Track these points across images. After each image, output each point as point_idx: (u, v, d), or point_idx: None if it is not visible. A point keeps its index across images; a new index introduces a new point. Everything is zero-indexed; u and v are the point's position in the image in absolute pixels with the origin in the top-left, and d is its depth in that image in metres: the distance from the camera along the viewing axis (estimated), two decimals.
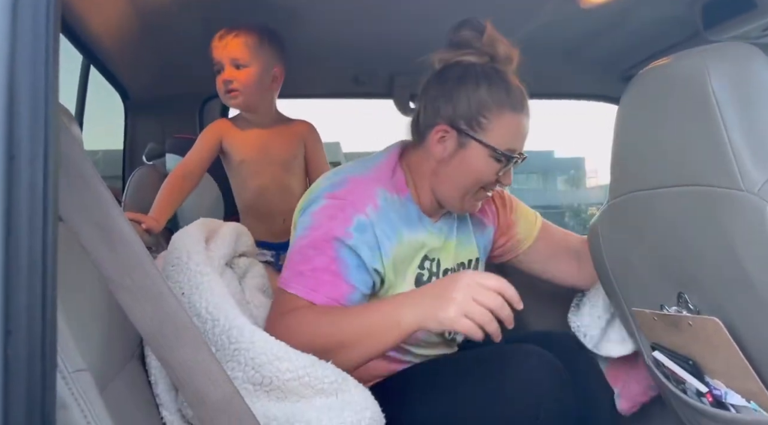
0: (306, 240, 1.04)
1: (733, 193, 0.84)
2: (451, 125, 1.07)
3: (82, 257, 0.63)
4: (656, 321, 1.06)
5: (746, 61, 0.86)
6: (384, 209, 1.06)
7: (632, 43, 1.90)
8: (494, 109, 1.05)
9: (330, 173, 1.16)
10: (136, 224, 1.31)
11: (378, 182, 1.08)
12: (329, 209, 1.04)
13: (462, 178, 1.09)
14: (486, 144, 1.06)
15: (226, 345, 0.90)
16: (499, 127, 1.06)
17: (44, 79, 0.48)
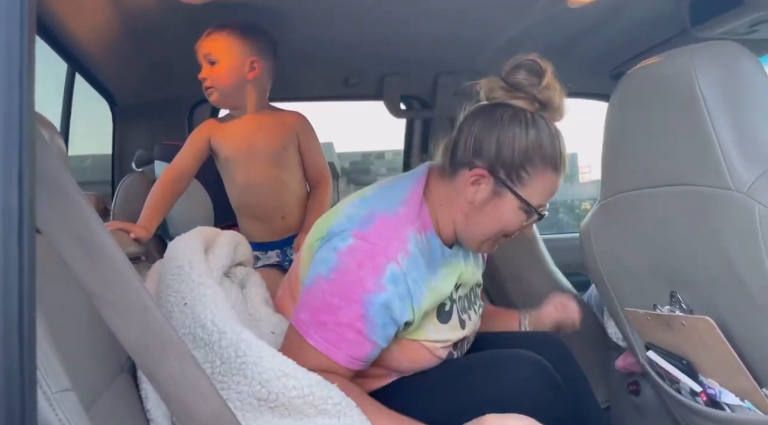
0: (330, 285, 0.97)
1: (722, 192, 0.83)
2: (490, 170, 1.01)
3: (64, 272, 0.62)
4: (649, 321, 1.06)
5: (733, 61, 0.86)
6: (414, 254, 1.00)
7: (621, 40, 1.90)
8: (538, 165, 1.01)
9: (356, 201, 1.07)
10: (124, 233, 1.30)
11: (409, 224, 1.02)
12: (358, 253, 0.96)
13: (490, 224, 1.05)
14: (522, 198, 1.02)
15: (233, 359, 0.89)
16: (538, 184, 1.02)
17: (18, 92, 0.47)
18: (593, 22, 1.75)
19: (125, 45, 1.64)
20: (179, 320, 0.96)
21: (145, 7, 1.45)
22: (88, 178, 2.65)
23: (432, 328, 1.06)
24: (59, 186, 0.55)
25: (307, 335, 0.97)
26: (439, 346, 1.07)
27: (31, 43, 0.49)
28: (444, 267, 1.07)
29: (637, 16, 1.69)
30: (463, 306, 1.15)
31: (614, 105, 1.08)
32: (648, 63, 0.97)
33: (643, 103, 0.99)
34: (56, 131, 0.88)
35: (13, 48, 0.46)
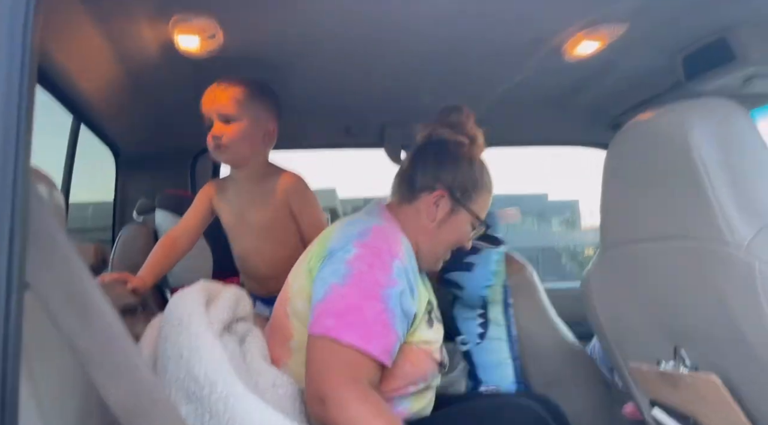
0: (348, 289, 1.03)
1: (721, 248, 0.83)
2: (449, 191, 1.22)
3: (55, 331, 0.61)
4: (654, 378, 1.03)
5: (726, 118, 0.87)
6: (409, 253, 1.13)
7: (618, 92, 1.93)
8: (479, 186, 1.25)
9: (346, 223, 1.17)
10: (121, 284, 1.29)
11: (397, 230, 1.16)
12: (366, 257, 1.06)
13: (449, 238, 1.24)
14: (473, 212, 1.24)
15: (221, 413, 0.87)
16: (480, 202, 1.26)
17: (14, 149, 0.47)
18: (590, 74, 1.79)
19: (129, 97, 1.67)
20: (174, 373, 0.95)
21: (149, 60, 1.49)
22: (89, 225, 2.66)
23: (425, 330, 1.14)
24: (52, 243, 0.55)
25: (340, 336, 0.98)
26: (433, 348, 1.16)
27: (30, 99, 0.49)
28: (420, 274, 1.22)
29: (633, 69, 1.72)
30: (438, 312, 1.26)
31: (611, 157, 1.08)
32: (643, 118, 0.99)
33: (639, 157, 1.00)
34: (54, 186, 0.88)
35: (11, 104, 0.47)
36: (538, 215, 15.01)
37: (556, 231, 15.53)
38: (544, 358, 1.65)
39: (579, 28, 1.43)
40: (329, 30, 1.42)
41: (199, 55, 1.47)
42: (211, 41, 1.41)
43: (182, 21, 1.33)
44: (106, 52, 1.41)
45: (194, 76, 1.59)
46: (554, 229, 15.65)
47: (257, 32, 1.43)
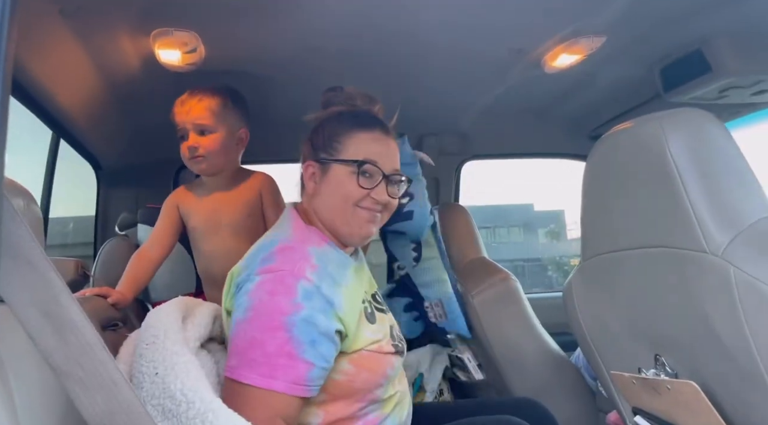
0: (249, 323, 0.99)
1: (698, 255, 0.84)
2: (314, 159, 1.15)
3: (29, 345, 0.61)
4: (635, 385, 1.04)
5: (701, 127, 0.89)
6: (321, 266, 1.05)
7: (598, 103, 1.97)
8: (344, 132, 1.15)
9: (254, 248, 1.13)
10: (102, 299, 1.27)
11: (304, 242, 1.10)
12: (267, 284, 1.00)
13: (333, 199, 1.13)
14: (341, 160, 1.12)
15: None
16: (352, 144, 1.13)
17: None
18: (570, 86, 1.81)
19: (110, 110, 1.66)
20: (149, 391, 0.93)
21: (130, 73, 1.48)
22: (69, 241, 2.63)
23: (367, 331, 1.10)
24: (28, 259, 0.54)
25: (240, 377, 0.96)
26: (383, 343, 1.11)
27: (3, 116, 0.49)
28: (351, 271, 1.14)
29: (611, 81, 1.75)
30: (378, 302, 1.22)
31: (590, 168, 1.10)
32: (620, 128, 1.00)
33: (617, 167, 1.01)
34: (32, 199, 0.87)
35: None
36: (524, 225, 15.05)
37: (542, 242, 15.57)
38: (529, 366, 1.66)
39: (558, 41, 1.45)
40: (309, 43, 1.43)
41: (180, 69, 1.47)
42: (192, 55, 1.42)
43: (163, 35, 1.33)
44: (86, 66, 1.40)
45: (176, 89, 1.58)
46: (540, 240, 15.68)
47: (238, 46, 1.44)
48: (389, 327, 1.17)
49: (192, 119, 1.43)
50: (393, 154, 1.17)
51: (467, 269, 1.89)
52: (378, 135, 1.15)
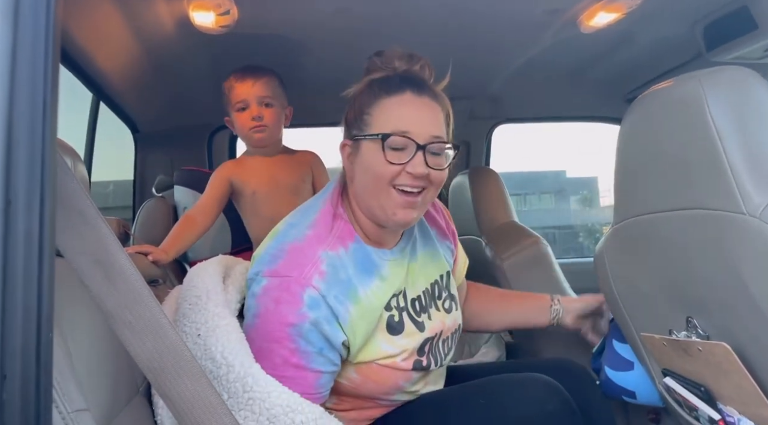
0: (256, 331, 0.98)
1: (735, 216, 0.83)
2: (348, 137, 1.06)
3: (84, 295, 0.64)
4: (666, 347, 1.04)
5: (743, 85, 0.86)
6: (331, 273, 0.99)
7: (636, 65, 1.91)
8: (372, 103, 1.02)
9: (269, 238, 1.07)
10: (143, 257, 1.32)
11: (318, 244, 1.01)
12: (273, 291, 0.97)
13: (365, 180, 1.03)
14: (370, 134, 1.01)
15: (240, 393, 0.89)
16: (380, 115, 1.01)
17: (42, 124, 0.49)
18: (606, 46, 1.77)
19: (147, 74, 1.69)
20: (192, 351, 0.96)
21: (165, 36, 1.50)
22: (110, 204, 2.71)
23: (384, 343, 1.03)
24: (79, 210, 0.57)
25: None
26: (399, 359, 1.04)
27: (54, 73, 0.51)
28: (381, 272, 1.05)
29: (651, 40, 1.70)
30: (421, 307, 1.11)
31: (625, 129, 1.08)
32: (658, 87, 0.98)
33: (654, 127, 0.99)
34: (79, 158, 0.91)
35: (37, 78, 0.49)
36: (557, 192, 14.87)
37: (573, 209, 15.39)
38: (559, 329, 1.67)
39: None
40: (341, 6, 1.43)
41: (214, 31, 1.49)
42: (225, 17, 1.43)
43: None
44: (123, 29, 1.43)
45: (210, 53, 1.61)
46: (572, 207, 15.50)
47: (270, 8, 1.44)
48: (422, 341, 1.08)
49: (256, 92, 1.55)
50: (431, 118, 1.03)
51: (497, 233, 1.89)
52: (408, 97, 1.01)
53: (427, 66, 1.09)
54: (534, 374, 1.05)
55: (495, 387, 1.07)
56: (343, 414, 1.06)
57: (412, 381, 1.08)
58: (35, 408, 0.44)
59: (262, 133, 1.58)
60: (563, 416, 1.00)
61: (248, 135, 1.60)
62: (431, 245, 1.20)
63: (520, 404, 1.01)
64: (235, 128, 1.62)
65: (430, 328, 1.11)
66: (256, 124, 1.56)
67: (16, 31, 0.50)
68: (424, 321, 1.11)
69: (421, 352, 1.08)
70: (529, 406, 1.00)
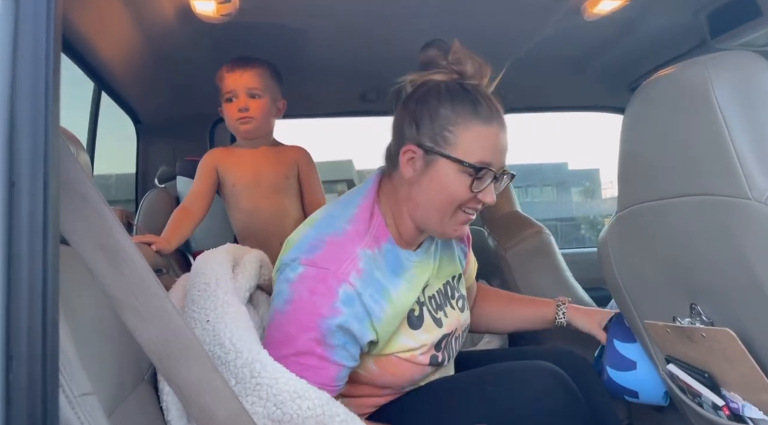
0: (286, 317, 0.97)
1: (741, 202, 0.82)
2: (417, 144, 1.02)
3: (89, 281, 0.64)
4: (669, 334, 1.04)
5: (749, 69, 0.86)
6: (368, 271, 0.99)
7: (639, 53, 1.90)
8: (459, 122, 1.00)
9: (305, 228, 1.06)
10: (146, 246, 1.32)
11: (357, 241, 1.01)
12: (308, 280, 0.96)
13: (435, 197, 1.02)
14: (452, 158, 1.00)
15: (248, 379, 0.90)
16: (467, 139, 1.00)
17: (44, 107, 0.49)
18: (610, 35, 1.76)
19: (148, 63, 1.69)
20: (201, 337, 0.97)
21: (167, 25, 1.50)
22: (112, 197, 2.71)
23: (405, 337, 1.05)
24: (83, 195, 0.57)
25: None
26: (418, 353, 1.06)
27: (56, 57, 0.51)
28: (407, 274, 1.06)
29: (654, 28, 1.69)
30: (437, 304, 1.13)
31: (630, 115, 1.07)
32: (663, 73, 0.97)
33: (658, 113, 0.99)
34: (81, 146, 0.91)
35: (39, 61, 0.48)
36: (558, 184, 14.85)
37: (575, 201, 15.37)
38: None
39: None
40: None
41: (215, 20, 1.48)
42: (226, 5, 1.42)
43: None
44: (124, 17, 1.42)
45: (212, 42, 1.60)
46: (574, 199, 15.47)
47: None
48: (439, 337, 1.10)
49: (244, 83, 1.54)
50: (506, 150, 1.05)
51: (500, 223, 1.89)
52: (496, 130, 1.02)
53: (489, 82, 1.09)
54: (539, 362, 1.05)
55: (501, 374, 1.08)
56: (351, 400, 1.07)
57: (425, 374, 1.10)
58: (42, 389, 0.44)
59: (248, 124, 1.57)
60: (569, 404, 1.00)
61: (235, 126, 1.59)
62: (449, 246, 1.22)
63: (525, 392, 1.01)
64: (225, 118, 1.62)
65: (447, 325, 1.13)
66: (242, 115, 1.55)
67: (17, 15, 0.49)
68: (441, 317, 1.12)
69: (438, 347, 1.10)
70: (535, 394, 1.01)
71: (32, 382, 0.44)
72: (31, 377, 0.43)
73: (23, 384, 0.43)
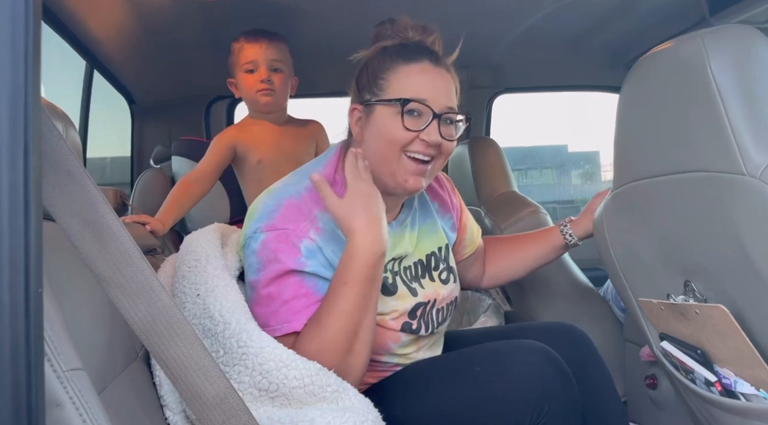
0: (261, 283, 0.99)
1: (735, 178, 0.82)
2: (359, 102, 1.06)
3: (78, 259, 0.64)
4: (663, 311, 1.04)
5: (746, 44, 0.84)
6: (328, 230, 1.01)
7: (637, 32, 1.88)
8: (388, 68, 1.04)
9: (265, 194, 1.08)
10: (140, 226, 1.32)
11: (315, 204, 1.03)
12: (271, 243, 0.98)
13: (377, 145, 1.04)
14: (385, 100, 1.02)
15: (234, 348, 0.90)
16: (396, 81, 1.03)
17: (24, 78, 0.48)
18: (607, 13, 1.73)
19: (143, 43, 1.67)
20: (191, 311, 0.98)
21: (161, 5, 1.47)
22: (106, 179, 2.70)
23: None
24: (67, 169, 0.56)
25: (271, 333, 0.96)
26: (389, 318, 1.07)
27: (36, 28, 0.50)
28: None
29: (653, 6, 1.67)
30: (412, 276, 1.14)
31: (626, 93, 1.06)
32: (659, 49, 0.96)
33: (654, 90, 0.98)
34: (71, 124, 0.89)
35: (17, 32, 0.47)
36: (557, 166, 14.80)
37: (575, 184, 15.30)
38: (557, 297, 1.67)
39: None
40: None
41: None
42: None
43: None
44: None
45: (206, 20, 1.58)
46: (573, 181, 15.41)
47: None
48: (413, 304, 1.11)
49: (269, 55, 1.54)
50: (446, 88, 1.05)
51: (497, 203, 1.88)
52: (427, 66, 1.03)
53: (437, 40, 1.11)
54: (529, 341, 1.05)
55: (490, 354, 1.07)
56: None
57: (401, 343, 1.10)
58: (26, 362, 0.44)
59: (269, 97, 1.56)
60: (559, 384, 0.99)
61: (255, 98, 1.57)
62: (431, 218, 1.22)
63: (515, 372, 1.00)
64: (240, 90, 1.59)
65: (423, 295, 1.13)
66: (265, 87, 1.54)
67: None
68: (416, 287, 1.14)
69: (412, 315, 1.10)
70: (524, 374, 1.00)
71: (15, 355, 0.44)
72: (14, 348, 0.43)
73: (6, 357, 0.43)
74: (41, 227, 0.47)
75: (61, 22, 1.42)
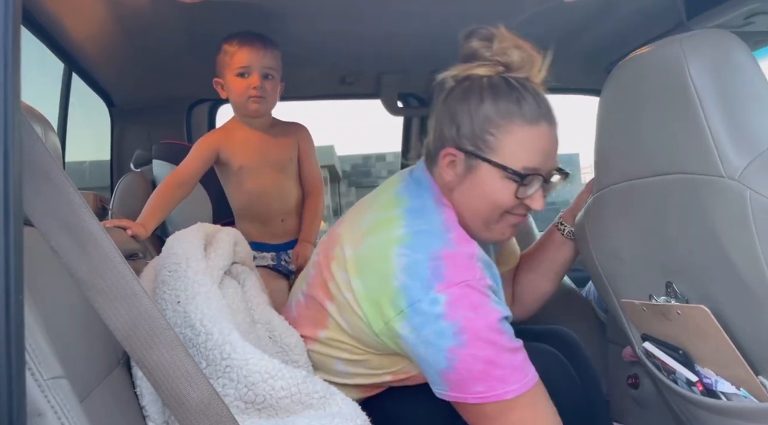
0: (470, 348, 0.88)
1: (714, 180, 0.83)
2: (457, 147, 0.96)
3: (58, 264, 0.62)
4: (645, 312, 1.06)
5: (723, 48, 0.86)
6: (486, 268, 0.96)
7: (616, 36, 1.90)
8: (502, 123, 0.94)
9: (402, 252, 0.93)
10: (121, 231, 1.30)
11: (466, 243, 0.95)
12: (461, 300, 0.88)
13: (478, 204, 0.97)
14: (495, 163, 0.94)
15: (218, 361, 0.88)
16: (510, 143, 0.94)
17: (3, 81, 0.47)
18: (587, 17, 1.75)
19: (122, 45, 1.65)
20: (171, 319, 0.95)
21: (141, 6, 1.46)
22: (86, 184, 2.66)
23: None
24: (46, 173, 0.55)
25: (505, 395, 0.89)
26: None
27: (16, 31, 0.49)
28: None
29: (632, 10, 1.69)
30: None
31: (606, 97, 1.08)
32: (638, 53, 0.98)
33: (634, 93, 0.99)
34: (50, 127, 0.88)
35: None
36: None
37: None
38: None
39: None
40: None
41: (190, 1, 1.44)
42: None
43: None
44: None
45: (187, 22, 1.56)
46: None
47: None
48: None
49: (264, 62, 1.53)
50: (555, 149, 0.98)
51: None
52: (544, 130, 0.95)
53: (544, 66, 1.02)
54: (537, 344, 1.06)
55: None
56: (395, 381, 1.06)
57: None
58: (7, 369, 0.43)
59: (259, 104, 1.55)
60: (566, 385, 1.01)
61: (244, 103, 1.55)
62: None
63: None
64: (228, 91, 1.57)
65: None
66: (257, 94, 1.53)
67: None
68: None
69: None
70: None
71: None
72: None
73: None
74: (22, 232, 0.46)
75: (38, 23, 1.39)
